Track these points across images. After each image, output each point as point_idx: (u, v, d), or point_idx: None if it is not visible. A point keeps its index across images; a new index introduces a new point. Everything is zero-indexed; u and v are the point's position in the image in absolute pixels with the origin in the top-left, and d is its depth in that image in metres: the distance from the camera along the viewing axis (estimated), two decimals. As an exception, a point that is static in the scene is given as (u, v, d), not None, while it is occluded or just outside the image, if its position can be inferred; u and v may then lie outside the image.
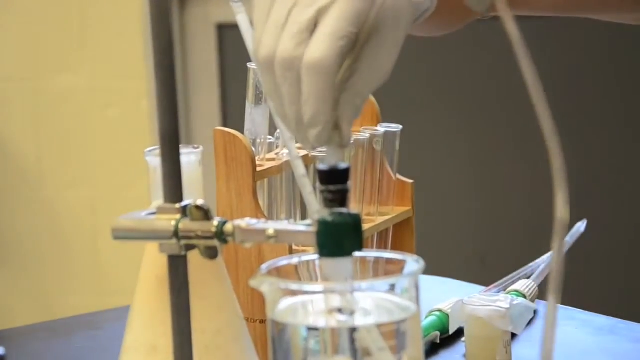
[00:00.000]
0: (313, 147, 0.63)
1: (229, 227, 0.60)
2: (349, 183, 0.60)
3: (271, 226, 0.59)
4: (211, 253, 0.62)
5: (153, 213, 0.62)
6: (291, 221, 0.87)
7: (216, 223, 0.60)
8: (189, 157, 0.70)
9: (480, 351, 0.86)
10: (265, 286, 0.61)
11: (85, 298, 2.28)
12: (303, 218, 0.89)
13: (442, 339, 0.94)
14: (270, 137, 0.89)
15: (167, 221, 0.61)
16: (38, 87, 2.25)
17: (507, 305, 0.86)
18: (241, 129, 0.87)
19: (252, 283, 0.61)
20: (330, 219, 0.58)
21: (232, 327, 0.70)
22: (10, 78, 2.26)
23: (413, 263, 0.62)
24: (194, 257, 0.62)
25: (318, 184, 0.60)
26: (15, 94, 2.26)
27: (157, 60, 0.61)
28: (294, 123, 0.63)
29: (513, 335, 0.90)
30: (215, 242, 0.61)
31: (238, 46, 0.73)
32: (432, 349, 0.93)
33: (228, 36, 2.26)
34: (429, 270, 0.81)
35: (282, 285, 0.61)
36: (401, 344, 0.60)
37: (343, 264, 0.59)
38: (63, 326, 1.06)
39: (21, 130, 2.27)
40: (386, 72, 0.63)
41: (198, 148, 0.71)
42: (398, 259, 0.63)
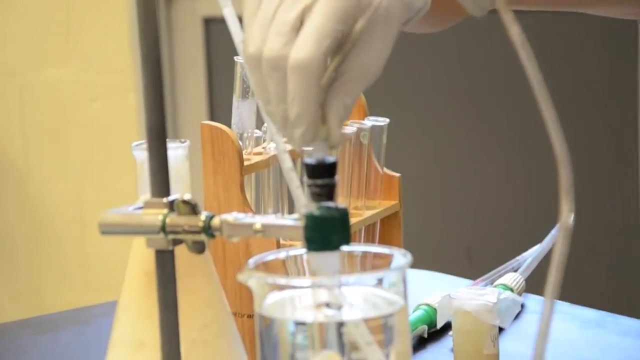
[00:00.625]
0: (299, 147, 0.63)
1: (216, 222, 0.60)
2: (336, 177, 0.60)
3: (258, 220, 0.59)
4: (198, 247, 0.62)
5: (140, 207, 0.62)
6: (278, 215, 0.87)
7: (203, 217, 0.60)
8: (176, 152, 0.70)
9: (467, 345, 0.87)
10: (252, 281, 0.61)
11: (73, 293, 2.28)
12: (290, 212, 0.89)
13: (430, 333, 0.94)
14: (257, 131, 0.89)
15: (155, 216, 0.61)
16: (25, 81, 2.25)
17: (495, 299, 0.86)
18: (228, 123, 0.87)
19: (240, 278, 0.61)
20: (317, 213, 0.58)
21: (220, 322, 0.70)
22: (-4, 72, 2.26)
23: (400, 257, 0.62)
24: (181, 252, 0.62)
25: (305, 178, 0.60)
26: (1, 88, 2.26)
27: (144, 54, 0.61)
28: (281, 121, 0.63)
29: (500, 329, 0.90)
30: (202, 237, 0.61)
31: (225, 40, 0.73)
32: (420, 343, 0.93)
33: (215, 30, 2.26)
34: (416, 264, 0.81)
35: (270, 279, 0.61)
36: (389, 338, 0.60)
37: (330, 258, 0.59)
38: (50, 321, 1.06)
39: (8, 124, 2.27)
40: (376, 72, 0.63)
41: (185, 142, 0.71)
42: (385, 253, 0.64)
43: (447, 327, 0.93)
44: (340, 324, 0.59)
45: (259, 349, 0.61)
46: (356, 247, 0.64)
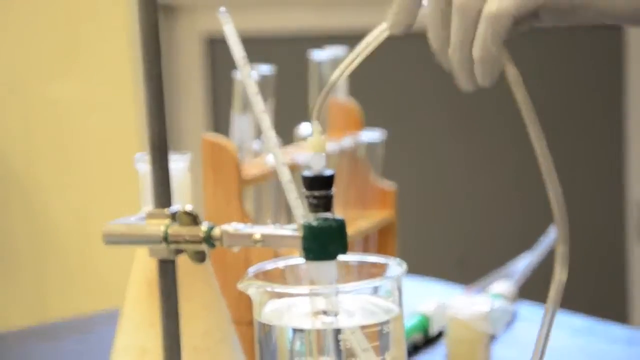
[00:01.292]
0: (483, 82, 0.68)
1: (217, 232, 0.61)
2: (334, 189, 0.62)
3: (258, 231, 0.61)
4: (199, 257, 0.63)
5: (143, 218, 0.63)
6: (277, 226, 0.88)
7: (204, 228, 0.61)
8: (178, 164, 0.71)
9: (461, 353, 0.88)
10: (252, 289, 0.62)
11: (76, 301, 2.28)
12: (289, 223, 0.89)
13: (424, 341, 0.95)
14: (256, 144, 0.91)
15: (157, 226, 0.62)
16: (28, 96, 2.26)
17: (488, 307, 0.87)
18: (228, 136, 0.88)
19: (240, 286, 0.63)
20: (315, 224, 0.59)
21: (220, 329, 0.71)
22: (0, 86, 2.27)
23: (396, 266, 0.64)
24: (183, 261, 0.63)
25: (303, 190, 0.62)
26: (5, 103, 2.26)
27: (146, 69, 0.62)
28: (458, 64, 0.67)
29: (492, 336, 0.91)
30: (203, 247, 0.62)
31: (225, 55, 0.74)
32: (414, 351, 0.94)
33: (215, 45, 2.27)
34: (412, 271, 0.82)
35: (269, 288, 0.62)
36: (384, 345, 0.61)
37: (328, 268, 0.60)
38: (53, 329, 1.06)
39: (12, 138, 2.27)
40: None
41: (186, 155, 0.72)
42: (381, 262, 0.65)
43: (441, 335, 0.94)
44: (337, 331, 0.60)
45: (258, 356, 0.62)
46: (353, 257, 0.66)
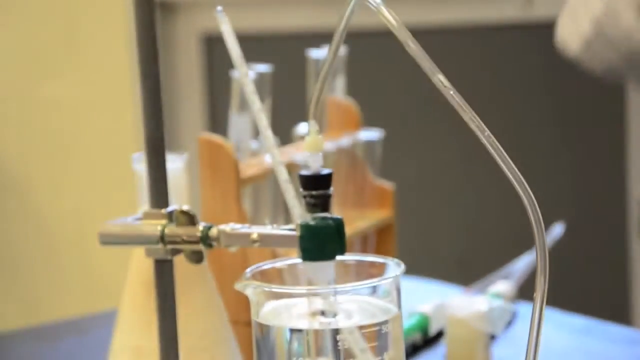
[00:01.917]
0: None
1: (214, 232, 0.61)
2: (331, 188, 0.62)
3: (255, 230, 0.61)
4: (197, 257, 0.63)
5: (139, 218, 0.63)
6: (275, 226, 0.88)
7: (201, 228, 0.61)
8: (174, 164, 0.71)
9: (460, 352, 0.88)
10: (249, 289, 0.62)
11: (72, 302, 2.28)
12: (287, 223, 0.89)
13: (423, 341, 0.95)
14: (253, 144, 0.90)
15: (154, 226, 0.62)
16: (25, 96, 2.25)
17: (487, 307, 0.87)
18: (226, 136, 0.88)
19: (237, 286, 0.62)
20: (313, 224, 0.59)
21: (217, 330, 0.71)
22: (-5, 86, 2.27)
23: (394, 266, 0.64)
24: (180, 262, 0.63)
25: (301, 189, 0.61)
26: (1, 103, 2.26)
27: (142, 69, 0.62)
28: None
29: (492, 336, 0.91)
30: (200, 247, 0.62)
31: (222, 54, 0.74)
32: (414, 351, 0.94)
33: (213, 44, 2.27)
34: (410, 271, 0.82)
35: (266, 288, 0.62)
36: (383, 346, 0.61)
37: (326, 268, 0.60)
38: (50, 331, 1.06)
39: (7, 138, 2.27)
40: None
41: (183, 155, 0.72)
42: (379, 262, 0.65)
43: (441, 335, 0.94)
44: (335, 332, 0.60)
45: (256, 356, 0.62)
46: (351, 257, 0.65)
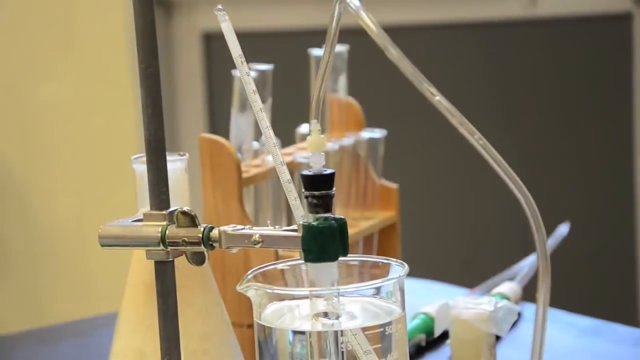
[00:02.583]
0: None
1: (215, 233, 0.61)
2: (334, 189, 0.61)
3: (257, 231, 0.60)
4: (198, 259, 0.62)
5: (140, 220, 0.63)
6: (277, 227, 0.88)
7: (202, 229, 0.61)
8: (175, 164, 0.70)
9: (465, 353, 0.87)
10: (251, 291, 0.61)
11: (73, 305, 2.28)
12: (289, 224, 0.89)
13: (428, 342, 0.95)
14: (255, 144, 0.90)
15: (154, 227, 0.61)
16: (24, 96, 2.25)
17: (492, 307, 0.86)
18: (227, 136, 0.87)
19: (239, 288, 0.62)
20: (315, 224, 0.59)
21: (219, 332, 0.71)
22: (-5, 86, 2.27)
23: (397, 267, 0.63)
24: (181, 263, 0.63)
25: (303, 190, 0.61)
26: (1, 104, 2.26)
27: (142, 68, 0.61)
28: None
29: (498, 337, 0.91)
30: (202, 248, 0.61)
31: (223, 53, 0.73)
32: (418, 352, 0.94)
33: (213, 43, 2.27)
34: (414, 273, 0.81)
35: (268, 290, 0.61)
36: (387, 347, 0.61)
37: (328, 269, 0.59)
38: (51, 333, 1.06)
39: (8, 139, 2.27)
40: None
41: (184, 155, 0.71)
42: (383, 263, 0.64)
43: (445, 336, 0.93)
44: (338, 333, 0.60)
45: (258, 359, 0.62)
46: (354, 258, 0.65)
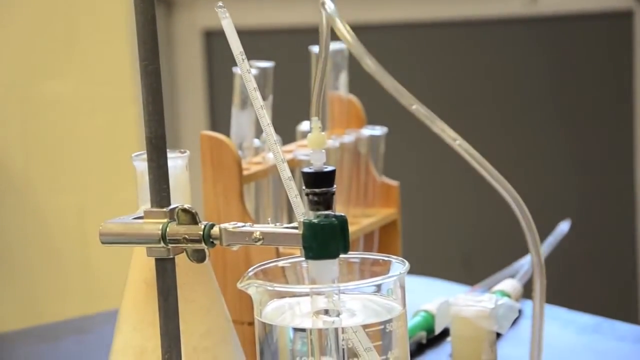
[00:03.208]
0: None
1: (216, 230, 0.61)
2: (335, 186, 0.61)
3: (258, 229, 0.60)
4: (199, 256, 0.62)
5: (140, 217, 0.63)
6: (278, 224, 0.88)
7: (203, 226, 0.61)
8: (176, 162, 0.70)
9: (466, 351, 0.87)
10: (252, 288, 0.62)
11: (74, 302, 2.28)
12: (290, 221, 0.89)
13: (428, 339, 0.95)
14: (256, 141, 0.90)
15: (155, 225, 0.61)
16: (25, 94, 2.25)
17: (492, 305, 0.86)
18: (228, 133, 0.87)
19: (240, 285, 0.62)
20: (316, 221, 0.59)
21: (220, 329, 0.71)
22: (-4, 85, 2.27)
23: (398, 264, 0.63)
24: (182, 261, 0.63)
25: (304, 187, 0.61)
26: (2, 101, 2.26)
27: (143, 65, 0.61)
28: None
29: (498, 334, 0.91)
30: (202, 245, 0.61)
31: (224, 50, 0.73)
32: (419, 349, 0.94)
33: (214, 41, 2.27)
34: (415, 270, 0.81)
35: (269, 287, 0.61)
36: (387, 345, 0.61)
37: (329, 266, 0.59)
38: (52, 331, 1.06)
39: (9, 137, 2.27)
40: None
41: (185, 152, 0.71)
42: (384, 260, 0.64)
43: (446, 334, 0.93)
44: (339, 331, 0.60)
45: (259, 356, 0.62)
46: (355, 255, 0.65)
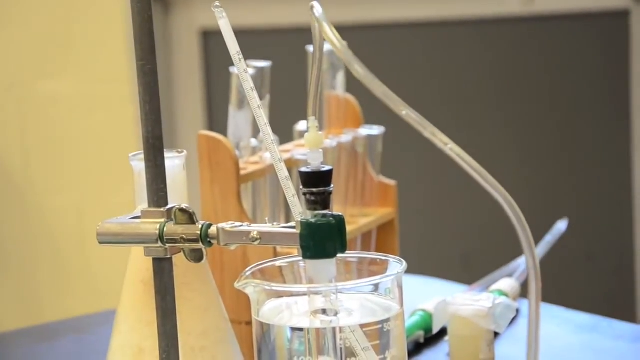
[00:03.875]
0: None
1: (214, 230, 0.61)
2: (332, 185, 0.61)
3: (255, 228, 0.60)
4: (196, 256, 0.62)
5: (138, 217, 0.63)
6: (275, 224, 0.88)
7: (201, 226, 0.61)
8: (173, 162, 0.70)
9: (463, 350, 0.87)
10: (250, 288, 0.62)
11: (72, 302, 2.28)
12: (287, 220, 0.89)
13: (426, 339, 0.95)
14: (253, 141, 0.90)
15: (152, 225, 0.61)
16: (23, 93, 2.25)
17: (490, 304, 0.86)
18: (226, 133, 0.87)
19: (237, 285, 0.62)
20: (313, 221, 0.59)
21: (218, 329, 0.71)
22: (-6, 84, 2.27)
23: (396, 264, 0.63)
24: (179, 260, 0.63)
25: (301, 187, 0.61)
26: (0, 100, 2.26)
27: (140, 65, 0.62)
28: None
29: (496, 333, 0.91)
30: (200, 245, 0.61)
31: (221, 50, 0.73)
32: (416, 349, 0.94)
33: (211, 40, 2.27)
34: (413, 270, 0.81)
35: (267, 287, 0.61)
36: (385, 344, 0.61)
37: (327, 266, 0.59)
38: (50, 330, 1.06)
39: (7, 136, 2.27)
40: None
41: (182, 152, 0.71)
42: (381, 260, 0.64)
43: (444, 333, 0.93)
44: (336, 330, 0.60)
45: (257, 356, 0.62)
46: (352, 254, 0.65)
